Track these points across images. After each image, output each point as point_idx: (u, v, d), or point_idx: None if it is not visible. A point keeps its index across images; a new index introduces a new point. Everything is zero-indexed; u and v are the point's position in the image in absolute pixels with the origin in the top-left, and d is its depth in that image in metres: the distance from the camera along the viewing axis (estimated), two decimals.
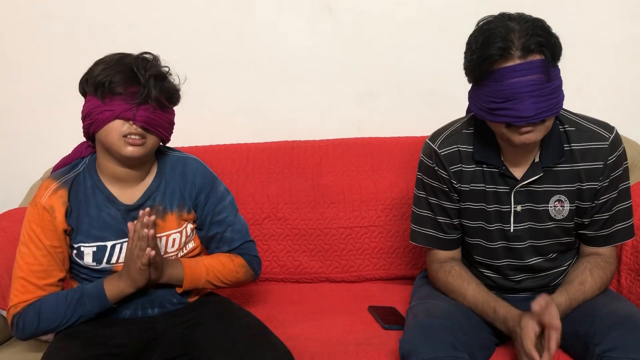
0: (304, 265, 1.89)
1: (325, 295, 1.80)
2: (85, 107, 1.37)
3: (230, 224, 1.53)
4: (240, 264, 1.52)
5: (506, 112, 1.28)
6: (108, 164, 1.40)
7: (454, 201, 1.47)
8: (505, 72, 1.27)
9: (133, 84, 1.33)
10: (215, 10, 2.06)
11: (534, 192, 1.41)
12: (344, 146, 1.99)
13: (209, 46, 2.07)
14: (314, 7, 2.05)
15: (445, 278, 1.47)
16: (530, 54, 1.26)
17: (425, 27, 2.06)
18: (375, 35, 2.07)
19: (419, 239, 1.53)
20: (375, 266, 1.90)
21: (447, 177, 1.46)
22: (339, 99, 2.12)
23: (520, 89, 1.26)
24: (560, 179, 1.41)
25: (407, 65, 2.09)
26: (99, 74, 1.33)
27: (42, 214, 1.37)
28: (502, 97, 1.28)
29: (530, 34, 1.26)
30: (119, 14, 2.07)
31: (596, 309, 1.36)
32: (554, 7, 1.93)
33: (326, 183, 1.91)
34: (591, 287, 1.41)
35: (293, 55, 2.08)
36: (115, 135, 1.33)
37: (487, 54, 1.27)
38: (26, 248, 1.38)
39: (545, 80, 1.27)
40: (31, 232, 1.38)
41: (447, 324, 1.30)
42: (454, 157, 1.45)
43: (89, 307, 1.37)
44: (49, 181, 1.42)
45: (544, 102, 1.27)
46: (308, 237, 1.88)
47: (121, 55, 1.37)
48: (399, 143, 1.99)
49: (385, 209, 1.89)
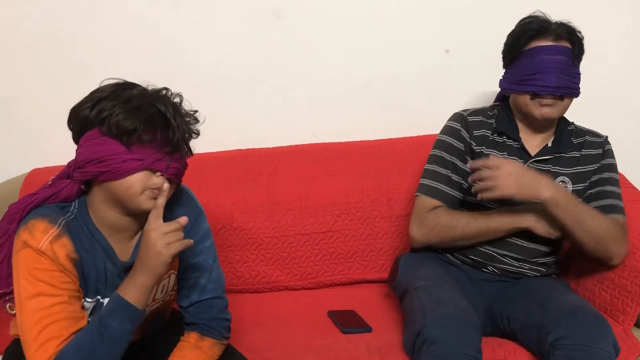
0: (262, 275, 1.87)
1: (284, 303, 1.79)
2: (97, 150, 1.14)
3: (208, 269, 1.31)
4: (212, 345, 1.29)
5: (534, 82, 1.54)
6: (108, 213, 1.19)
7: (466, 162, 1.62)
8: (539, 50, 1.55)
9: (164, 130, 1.14)
10: (164, 20, 2.02)
11: (543, 172, 1.58)
12: (298, 152, 1.99)
13: (158, 56, 2.03)
14: (262, 14, 2.03)
15: (439, 218, 1.58)
16: (561, 39, 1.56)
17: (378, 31, 2.07)
18: (326, 41, 2.07)
19: (424, 189, 1.63)
20: (334, 272, 1.89)
21: (467, 140, 1.64)
22: (292, 105, 2.11)
23: (549, 64, 1.52)
24: (566, 165, 1.63)
25: (359, 70, 2.09)
26: (125, 118, 1.11)
27: (43, 259, 1.13)
28: (532, 70, 1.54)
29: (563, 25, 1.57)
30: (60, 25, 2.00)
31: (549, 301, 1.43)
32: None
33: (282, 190, 1.90)
34: (598, 216, 1.52)
35: (243, 62, 2.07)
36: (139, 189, 1.14)
37: (527, 29, 1.57)
38: (36, 300, 1.12)
39: (570, 64, 1.54)
40: (35, 280, 1.12)
41: (477, 323, 1.37)
42: (479, 124, 1.66)
43: (116, 327, 1.13)
44: (44, 223, 1.15)
45: (566, 80, 1.53)
46: (265, 246, 1.87)
47: (139, 91, 1.16)
48: (354, 148, 2.01)
49: (342, 214, 1.89)
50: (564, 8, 1.65)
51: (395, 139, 2.04)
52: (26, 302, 1.12)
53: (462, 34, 2.08)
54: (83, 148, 1.17)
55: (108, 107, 1.13)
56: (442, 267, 1.62)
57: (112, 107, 1.13)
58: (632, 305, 1.51)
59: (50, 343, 1.11)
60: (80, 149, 1.18)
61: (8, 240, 1.19)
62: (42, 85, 2.02)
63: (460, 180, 1.63)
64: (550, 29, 1.56)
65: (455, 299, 1.42)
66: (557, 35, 1.56)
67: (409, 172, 1.94)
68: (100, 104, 1.14)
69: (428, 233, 1.60)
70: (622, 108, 2.11)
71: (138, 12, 2.01)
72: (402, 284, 1.62)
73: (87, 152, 1.16)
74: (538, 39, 1.56)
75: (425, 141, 2.01)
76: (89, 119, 1.15)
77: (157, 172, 1.15)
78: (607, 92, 1.72)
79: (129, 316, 1.14)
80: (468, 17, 2.07)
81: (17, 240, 1.16)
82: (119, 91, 1.16)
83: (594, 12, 2.07)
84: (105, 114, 1.13)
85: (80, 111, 1.16)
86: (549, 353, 1.33)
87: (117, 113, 1.12)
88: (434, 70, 2.10)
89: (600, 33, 1.70)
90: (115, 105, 1.13)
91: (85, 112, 1.15)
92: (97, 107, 1.14)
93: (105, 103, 1.14)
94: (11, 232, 1.19)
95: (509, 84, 1.61)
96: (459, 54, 2.09)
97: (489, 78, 2.09)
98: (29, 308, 1.12)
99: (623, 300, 1.53)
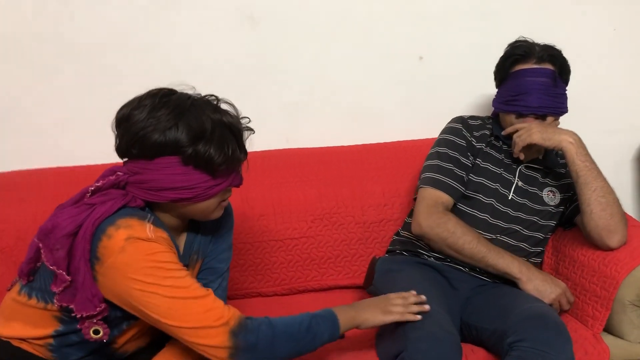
0: (235, 281, 1.85)
1: (257, 310, 1.76)
2: (181, 179, 1.16)
3: (224, 275, 1.40)
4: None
5: (518, 103, 1.65)
6: (167, 217, 1.24)
7: (468, 158, 1.70)
8: (523, 72, 1.66)
9: (238, 151, 1.22)
10: (134, 22, 1.99)
11: (533, 179, 1.72)
12: (271, 158, 1.97)
13: (126, 59, 2.00)
14: (236, 18, 2.02)
15: (449, 220, 1.59)
16: (544, 62, 1.66)
17: (351, 38, 2.07)
18: (300, 46, 2.06)
19: (429, 182, 1.66)
20: (307, 278, 1.88)
21: (469, 138, 1.72)
22: (266, 110, 2.09)
23: (531, 86, 1.63)
24: (554, 178, 1.75)
25: (333, 76, 2.09)
26: (216, 154, 1.15)
27: (156, 244, 1.13)
28: (517, 92, 1.65)
29: (547, 48, 1.68)
30: (27, 25, 1.96)
31: (513, 307, 1.44)
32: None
33: (254, 196, 1.88)
34: (608, 184, 1.59)
35: (216, 66, 2.04)
36: (215, 204, 1.23)
37: (513, 53, 1.70)
38: (177, 279, 1.13)
39: (552, 84, 1.64)
40: (161, 263, 1.12)
41: (457, 340, 1.37)
42: (479, 127, 1.76)
43: (321, 329, 1.22)
44: (135, 220, 1.14)
45: (547, 100, 1.63)
46: (238, 252, 1.84)
47: (218, 118, 1.19)
48: (327, 153, 2.00)
49: (315, 220, 1.88)
50: (533, 24, 1.69)
51: (370, 144, 2.04)
52: (167, 286, 1.11)
53: (435, 42, 2.10)
54: (158, 174, 1.16)
55: (184, 139, 1.14)
56: (419, 273, 1.61)
57: (182, 138, 1.14)
58: (602, 310, 1.53)
59: (226, 306, 1.15)
60: (154, 174, 1.16)
61: (82, 259, 1.12)
62: None
63: (462, 174, 1.67)
64: (534, 53, 1.67)
65: (435, 314, 1.38)
66: (540, 58, 1.66)
67: (382, 178, 1.94)
68: (178, 139, 1.14)
69: (433, 227, 1.59)
70: (590, 119, 2.13)
71: (114, 17, 1.97)
72: (378, 290, 1.60)
73: (166, 180, 1.16)
74: (522, 62, 1.68)
75: (399, 147, 2.02)
76: (178, 143, 1.14)
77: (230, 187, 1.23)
78: (573, 102, 1.76)
79: (330, 330, 1.24)
80: (441, 25, 2.08)
81: (112, 245, 1.11)
82: (194, 113, 1.17)
83: (566, 26, 2.12)
84: (200, 151, 1.15)
85: (150, 131, 1.14)
86: (506, 353, 1.34)
87: (207, 148, 1.15)
88: (407, 78, 2.12)
89: (567, 44, 1.74)
90: (204, 137, 1.15)
91: (172, 136, 1.14)
92: (185, 131, 1.14)
93: (179, 135, 1.14)
94: (86, 252, 1.12)
95: (499, 104, 1.73)
96: (432, 61, 2.11)
97: (461, 86, 2.12)
98: (178, 286, 1.11)
99: (593, 305, 1.55)
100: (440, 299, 1.48)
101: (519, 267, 1.55)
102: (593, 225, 1.56)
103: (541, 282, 1.53)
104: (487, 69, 1.81)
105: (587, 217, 1.57)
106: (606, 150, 2.02)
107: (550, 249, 1.78)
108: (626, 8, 2.14)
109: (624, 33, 2.16)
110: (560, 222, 1.75)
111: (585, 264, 1.62)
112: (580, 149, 1.58)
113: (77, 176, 1.79)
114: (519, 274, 1.54)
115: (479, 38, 2.09)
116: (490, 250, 1.58)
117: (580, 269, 1.63)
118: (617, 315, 1.53)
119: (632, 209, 2.27)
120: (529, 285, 1.53)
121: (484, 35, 2.08)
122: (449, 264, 1.65)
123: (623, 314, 1.52)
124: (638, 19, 2.15)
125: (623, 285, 1.50)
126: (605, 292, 1.52)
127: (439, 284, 1.59)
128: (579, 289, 1.61)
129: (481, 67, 1.91)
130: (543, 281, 1.53)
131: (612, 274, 1.52)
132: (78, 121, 1.96)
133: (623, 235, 1.56)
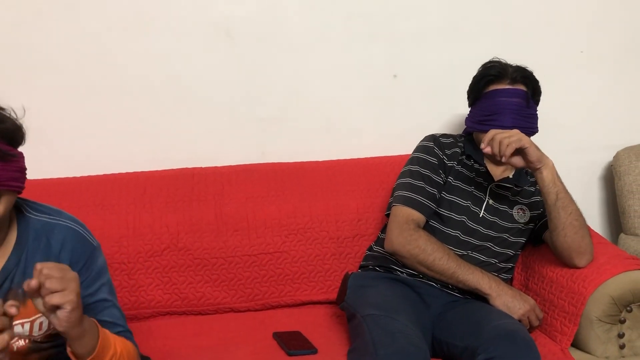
0: (207, 297, 1.83)
1: (229, 325, 1.75)
2: None
3: (109, 306, 1.23)
4: (136, 353, 1.23)
5: (491, 123, 1.66)
6: None
7: (440, 175, 1.72)
8: (496, 92, 1.69)
9: None
10: (109, 35, 1.98)
11: (503, 197, 1.75)
12: (247, 172, 1.97)
13: (103, 71, 1.99)
14: (211, 32, 2.02)
15: (419, 237, 1.61)
16: (517, 83, 1.70)
17: (326, 54, 2.09)
18: (276, 61, 2.07)
19: (401, 200, 1.68)
20: (280, 293, 1.87)
21: (441, 156, 1.75)
22: (241, 124, 2.09)
23: (505, 106, 1.66)
24: (524, 196, 1.77)
25: (308, 91, 2.11)
26: None
27: None
28: (490, 112, 1.68)
29: (520, 70, 1.71)
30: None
31: (484, 324, 1.45)
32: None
33: (229, 210, 1.88)
34: (577, 209, 1.60)
35: (191, 80, 2.04)
36: None
37: (486, 74, 1.73)
38: None
39: (525, 105, 1.67)
40: None
41: (427, 356, 1.37)
42: (451, 145, 1.79)
43: None
44: None
45: (520, 120, 1.65)
46: (211, 267, 1.83)
47: None
48: (303, 168, 2.00)
49: (290, 235, 1.88)
50: (504, 44, 1.70)
51: (344, 160, 2.05)
52: None
53: (409, 61, 2.13)
54: None
55: None
56: (391, 289, 1.62)
57: None
58: (570, 326, 1.55)
59: None
60: None
61: None
62: None
63: (434, 192, 1.69)
64: (508, 73, 1.70)
65: (405, 329, 1.40)
66: (514, 79, 1.69)
67: (356, 193, 1.95)
68: None
69: (404, 245, 1.61)
70: (558, 139, 2.16)
71: (89, 29, 1.96)
72: (350, 306, 1.61)
73: None
74: (496, 83, 1.71)
75: (373, 163, 2.04)
76: None
77: None
78: (543, 121, 1.80)
79: None
80: (415, 44, 2.12)
81: None
82: None
83: (536, 47, 2.17)
84: None
85: None
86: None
87: None
88: (381, 95, 2.14)
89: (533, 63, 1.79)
90: None
91: None
92: None
93: None
94: None
95: (472, 123, 1.75)
96: (406, 79, 2.14)
97: (434, 104, 2.15)
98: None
99: (561, 320, 1.58)
100: (411, 315, 1.50)
101: (489, 283, 1.58)
102: (565, 247, 1.59)
103: (510, 298, 1.56)
104: (459, 87, 1.85)
105: (561, 239, 1.59)
106: (574, 168, 2.08)
107: (520, 265, 1.81)
108: (598, 28, 2.20)
109: (593, 54, 2.22)
110: (530, 238, 1.78)
111: (554, 280, 1.65)
112: (556, 172, 1.60)
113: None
114: (488, 289, 1.57)
115: (451, 57, 2.12)
116: (461, 266, 1.60)
117: (549, 285, 1.66)
118: (584, 330, 1.55)
119: (600, 226, 2.32)
120: (498, 301, 1.56)
121: (456, 55, 2.12)
122: (421, 280, 1.66)
123: (590, 329, 1.54)
124: (607, 40, 2.21)
125: (590, 301, 1.53)
126: (573, 308, 1.55)
127: (410, 300, 1.60)
128: (547, 304, 1.64)
129: (453, 85, 1.95)
130: (512, 297, 1.56)
131: (579, 290, 1.55)
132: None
133: (591, 255, 1.60)
